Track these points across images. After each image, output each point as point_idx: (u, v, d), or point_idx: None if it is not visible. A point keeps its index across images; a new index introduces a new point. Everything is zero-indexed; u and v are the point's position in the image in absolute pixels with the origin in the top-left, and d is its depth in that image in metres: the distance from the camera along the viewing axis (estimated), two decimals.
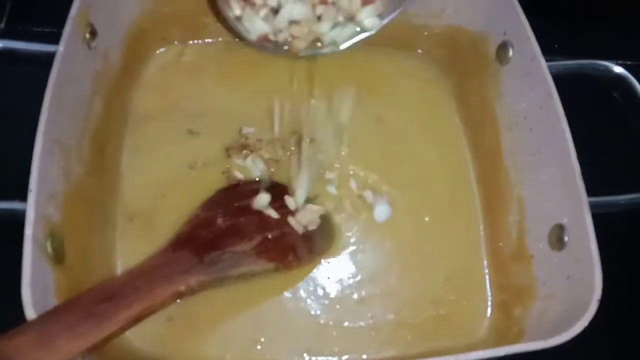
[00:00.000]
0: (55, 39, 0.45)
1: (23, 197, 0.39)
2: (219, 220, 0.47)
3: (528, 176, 0.50)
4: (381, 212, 0.52)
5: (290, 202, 0.50)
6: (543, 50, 0.49)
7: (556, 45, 0.53)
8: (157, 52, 0.58)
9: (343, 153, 0.55)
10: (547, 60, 0.49)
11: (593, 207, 0.43)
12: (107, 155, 0.49)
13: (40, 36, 0.49)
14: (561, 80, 0.49)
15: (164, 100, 0.55)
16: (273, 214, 0.49)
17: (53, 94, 0.42)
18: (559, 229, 0.45)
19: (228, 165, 0.53)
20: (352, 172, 0.54)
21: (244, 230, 0.46)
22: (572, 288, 0.43)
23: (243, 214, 0.48)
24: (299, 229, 0.49)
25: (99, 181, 0.47)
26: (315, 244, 0.49)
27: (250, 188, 0.50)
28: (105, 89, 0.50)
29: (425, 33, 0.60)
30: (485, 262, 0.52)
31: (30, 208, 0.38)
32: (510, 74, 0.53)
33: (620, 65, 0.53)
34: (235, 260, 0.44)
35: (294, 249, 0.47)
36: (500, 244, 0.51)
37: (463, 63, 0.59)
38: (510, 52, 0.53)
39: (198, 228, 0.46)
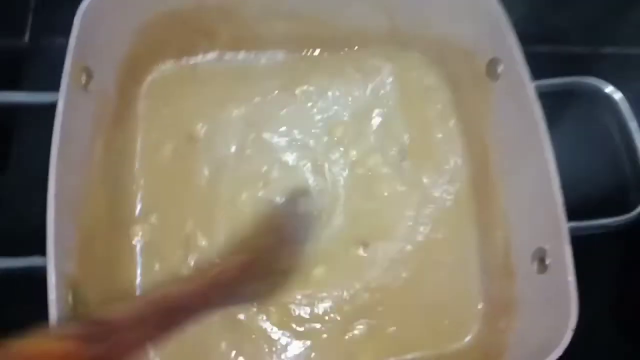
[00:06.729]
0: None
1: (41, 251, 0.42)
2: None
3: (514, 195, 0.52)
4: None
5: None
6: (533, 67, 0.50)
7: (546, 61, 0.53)
8: (151, 75, 0.58)
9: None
10: (537, 77, 0.50)
11: (580, 229, 0.47)
12: (119, 200, 0.52)
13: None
14: (550, 97, 0.51)
15: (165, 126, 0.57)
16: None
17: (59, 153, 0.44)
18: (542, 252, 0.48)
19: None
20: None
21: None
22: (551, 312, 0.46)
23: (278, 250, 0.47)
24: None
25: (113, 228, 0.50)
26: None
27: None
28: (105, 129, 0.52)
29: (417, 41, 0.60)
30: (476, 272, 0.54)
31: (51, 272, 0.41)
32: (500, 91, 0.53)
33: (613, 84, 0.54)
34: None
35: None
36: (490, 257, 0.54)
37: (455, 72, 0.59)
38: (500, 69, 0.53)
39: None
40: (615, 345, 0.54)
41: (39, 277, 0.41)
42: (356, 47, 0.61)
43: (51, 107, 0.45)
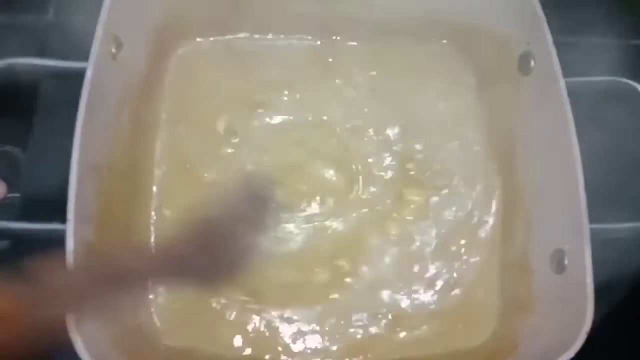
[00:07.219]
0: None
1: (61, 218, 0.42)
2: None
3: (537, 193, 0.51)
4: None
5: None
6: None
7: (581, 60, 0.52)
8: (180, 50, 0.58)
9: None
10: (569, 76, 0.49)
11: (604, 232, 0.46)
12: (139, 171, 0.52)
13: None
14: (582, 97, 0.49)
15: (191, 101, 0.57)
16: None
17: (85, 120, 0.44)
18: (561, 253, 0.47)
19: None
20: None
21: None
22: (567, 312, 0.45)
23: None
24: None
25: (133, 200, 0.51)
26: None
27: None
28: (132, 100, 0.52)
29: (447, 29, 0.59)
30: (495, 266, 0.54)
31: (70, 238, 0.41)
32: (530, 86, 0.52)
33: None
34: None
35: None
36: (509, 254, 0.54)
37: (485, 64, 0.58)
38: (532, 63, 0.52)
39: None
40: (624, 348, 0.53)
41: (58, 242, 0.42)
42: (385, 34, 0.60)
43: (76, 77, 0.46)
